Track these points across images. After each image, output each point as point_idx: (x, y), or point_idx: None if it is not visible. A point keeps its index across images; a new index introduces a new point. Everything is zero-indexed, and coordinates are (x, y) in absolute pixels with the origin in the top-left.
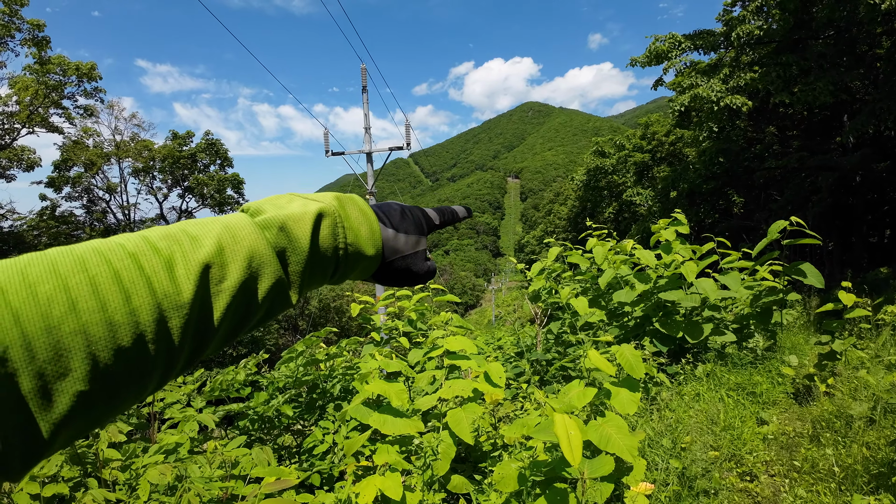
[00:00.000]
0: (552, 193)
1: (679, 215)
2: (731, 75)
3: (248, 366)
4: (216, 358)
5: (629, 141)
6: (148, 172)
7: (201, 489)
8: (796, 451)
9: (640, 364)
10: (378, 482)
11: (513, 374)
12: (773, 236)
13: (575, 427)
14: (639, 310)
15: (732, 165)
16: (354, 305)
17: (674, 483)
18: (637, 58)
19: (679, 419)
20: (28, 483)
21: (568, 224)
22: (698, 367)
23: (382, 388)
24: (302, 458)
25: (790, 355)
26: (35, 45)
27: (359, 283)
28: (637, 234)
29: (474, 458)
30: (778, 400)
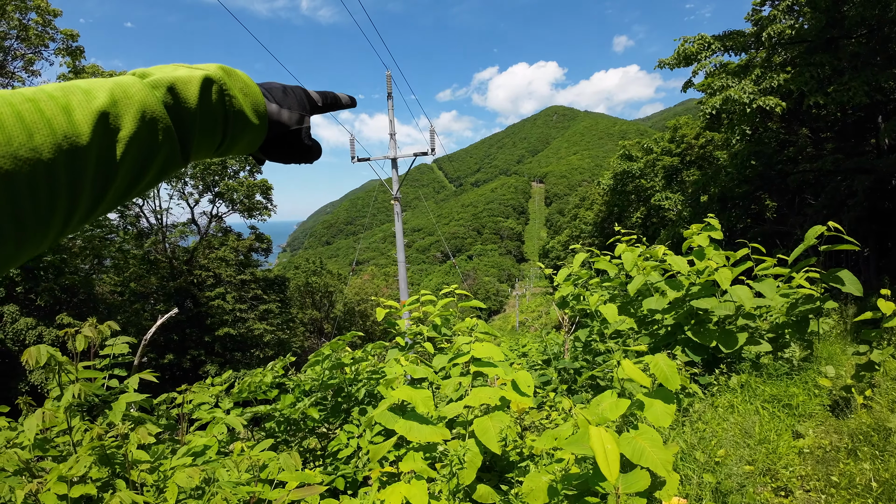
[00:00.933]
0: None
1: (712, 220)
2: (763, 76)
3: (275, 368)
4: (244, 360)
5: (657, 144)
6: (180, 178)
7: (229, 493)
8: (833, 465)
9: (675, 375)
10: (404, 489)
11: (539, 383)
12: (810, 242)
13: (612, 441)
14: (670, 318)
15: (765, 169)
16: (380, 309)
17: (707, 498)
18: (665, 60)
19: (713, 432)
20: (56, 483)
21: (594, 229)
22: (732, 377)
23: (408, 394)
24: (326, 461)
25: (827, 366)
26: (69, 54)
27: (382, 288)
28: (667, 239)
29: (500, 468)
30: (814, 412)
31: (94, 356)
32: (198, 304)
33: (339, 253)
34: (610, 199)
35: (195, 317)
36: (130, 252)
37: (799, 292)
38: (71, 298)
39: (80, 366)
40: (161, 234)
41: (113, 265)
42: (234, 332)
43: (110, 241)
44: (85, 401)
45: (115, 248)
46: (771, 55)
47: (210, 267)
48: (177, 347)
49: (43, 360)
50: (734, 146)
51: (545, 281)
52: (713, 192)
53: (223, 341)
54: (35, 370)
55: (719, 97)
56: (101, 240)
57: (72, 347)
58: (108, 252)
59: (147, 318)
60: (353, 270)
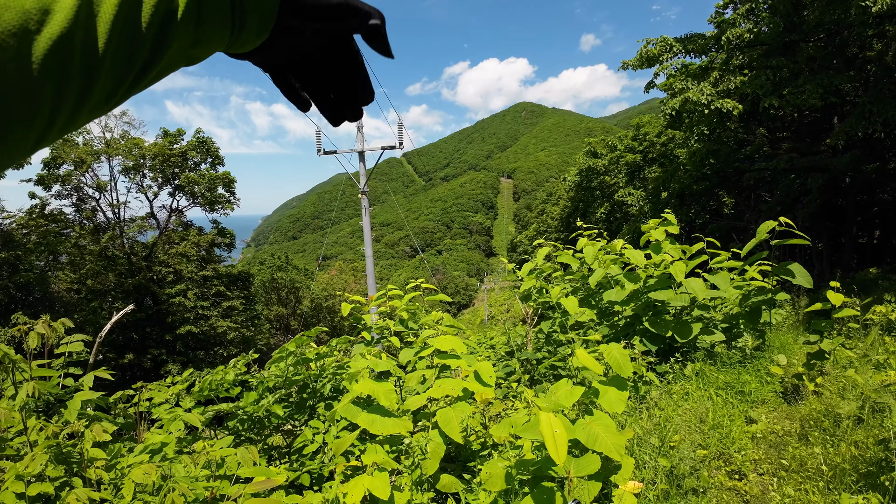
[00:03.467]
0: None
1: (669, 215)
2: (722, 78)
3: (237, 365)
4: (207, 359)
5: (621, 142)
6: (138, 171)
7: (186, 489)
8: (785, 449)
9: (627, 363)
10: (366, 482)
11: (503, 374)
12: (762, 237)
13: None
14: (629, 309)
15: (723, 167)
16: (345, 305)
17: (662, 481)
18: (629, 61)
19: (668, 418)
20: (13, 482)
21: (560, 224)
22: (687, 366)
23: (371, 387)
24: (292, 458)
25: (779, 354)
26: None
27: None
28: (628, 234)
29: (464, 458)
30: (767, 399)
31: (48, 355)
32: (158, 302)
33: (306, 248)
34: (575, 195)
35: (155, 315)
36: (87, 248)
37: (752, 284)
38: (26, 297)
39: (35, 364)
40: (119, 229)
41: (69, 262)
42: (197, 331)
43: (66, 236)
44: (40, 400)
45: (70, 243)
46: (730, 58)
47: (170, 263)
48: (137, 347)
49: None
50: (693, 145)
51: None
52: (673, 188)
53: (185, 340)
54: None
55: (679, 99)
56: (57, 235)
57: (26, 346)
58: (64, 248)
59: (105, 316)
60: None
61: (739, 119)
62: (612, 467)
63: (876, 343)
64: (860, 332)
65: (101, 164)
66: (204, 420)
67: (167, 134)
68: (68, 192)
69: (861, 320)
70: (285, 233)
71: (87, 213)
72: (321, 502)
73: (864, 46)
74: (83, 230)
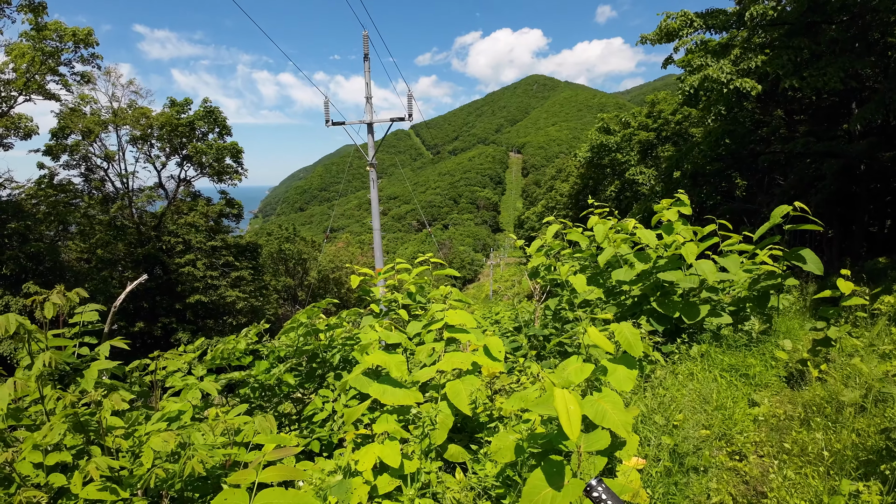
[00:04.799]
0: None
1: (682, 196)
2: (742, 57)
3: (248, 335)
4: (216, 327)
5: (635, 118)
6: (146, 140)
7: (205, 456)
8: (786, 433)
9: (638, 342)
10: (377, 450)
11: (510, 349)
12: (776, 221)
13: (574, 402)
14: (637, 289)
15: (738, 148)
16: (354, 277)
17: (665, 459)
18: (647, 35)
19: (672, 397)
20: (31, 452)
21: (569, 201)
22: (693, 347)
23: (382, 359)
24: (302, 425)
25: (785, 339)
26: (31, 10)
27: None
28: (639, 213)
29: (471, 429)
30: (770, 383)
31: (63, 324)
32: (168, 271)
33: (313, 220)
34: (586, 172)
35: (165, 284)
36: (96, 218)
37: (762, 268)
38: (37, 266)
39: (50, 334)
40: (127, 199)
41: (79, 231)
42: (206, 300)
43: (75, 206)
44: (56, 369)
45: (80, 213)
46: (751, 36)
47: (179, 233)
48: (147, 315)
49: (12, 329)
50: (709, 124)
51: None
52: (686, 168)
53: (195, 309)
54: (3, 340)
55: (698, 76)
56: (66, 205)
57: (40, 316)
58: (74, 218)
59: (115, 285)
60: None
61: (757, 99)
62: (618, 443)
63: (882, 333)
64: (867, 322)
65: (108, 133)
66: (218, 388)
67: (174, 103)
68: (77, 163)
69: (869, 309)
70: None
71: (95, 184)
72: (333, 468)
73: (885, 32)
74: (92, 200)
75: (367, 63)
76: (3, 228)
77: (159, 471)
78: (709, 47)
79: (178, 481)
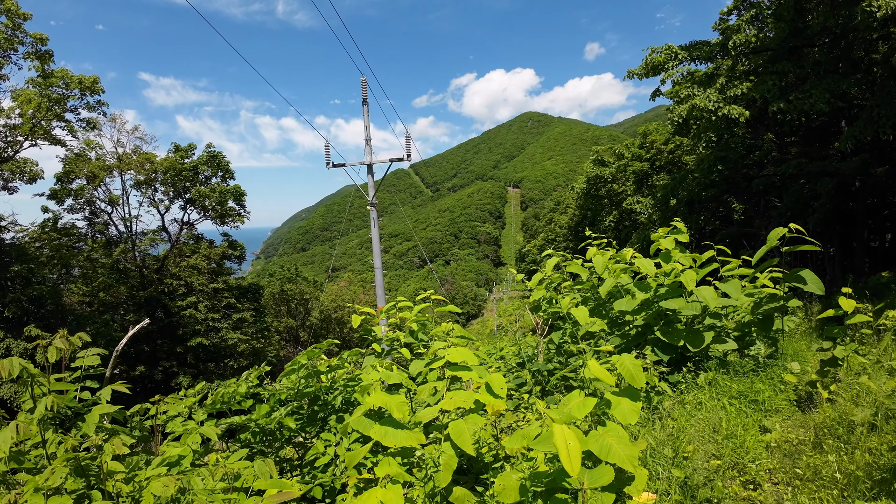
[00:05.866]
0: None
1: (678, 223)
2: (728, 84)
3: (249, 378)
4: (217, 371)
5: (628, 150)
6: (150, 185)
7: (204, 501)
8: (799, 458)
9: (640, 373)
10: (380, 494)
11: (514, 385)
12: (773, 243)
13: (573, 437)
14: (640, 318)
15: (731, 173)
16: (355, 316)
17: (676, 492)
18: (634, 70)
19: (681, 428)
20: (32, 495)
21: (569, 233)
22: (700, 375)
23: (383, 399)
24: (304, 470)
25: (792, 362)
26: (38, 58)
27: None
28: (637, 242)
29: (476, 470)
30: (780, 407)
31: (65, 368)
32: (169, 314)
33: (315, 259)
34: (583, 204)
35: (167, 327)
36: (99, 261)
37: (763, 292)
38: (39, 310)
39: (53, 378)
40: (130, 242)
41: (81, 275)
42: (207, 342)
43: (78, 249)
44: (58, 413)
45: (83, 257)
46: (736, 64)
47: (181, 275)
48: (148, 359)
49: (15, 372)
50: (701, 152)
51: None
52: (681, 196)
53: (196, 352)
54: (4, 383)
55: (686, 106)
56: (69, 249)
57: (41, 360)
58: (77, 261)
59: (117, 328)
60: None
61: (747, 125)
62: (626, 478)
63: (889, 349)
64: (873, 338)
65: (113, 178)
66: (219, 432)
67: (178, 148)
68: (81, 206)
69: (874, 326)
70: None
71: (99, 227)
72: None
73: (869, 49)
74: (95, 243)
75: (365, 107)
76: (7, 271)
77: None
78: (695, 77)
79: None
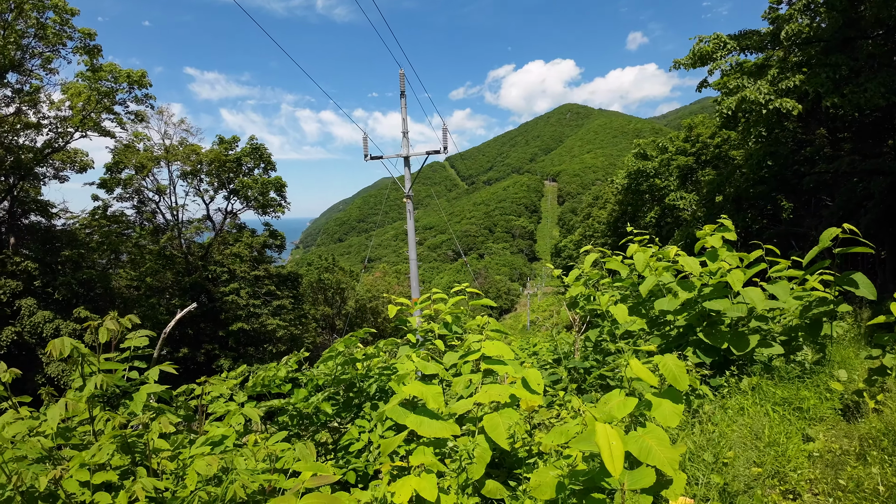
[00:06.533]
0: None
1: (726, 221)
2: (780, 76)
3: (289, 363)
4: (257, 355)
5: (672, 143)
6: (195, 175)
7: (247, 480)
8: (842, 469)
9: (684, 375)
10: (414, 482)
11: (549, 382)
12: (825, 244)
13: (617, 437)
14: (681, 319)
15: (781, 169)
16: (391, 307)
17: (714, 499)
18: (680, 60)
19: (722, 433)
20: (78, 470)
21: (607, 229)
22: (743, 379)
23: (420, 389)
24: (338, 454)
25: (839, 370)
26: (87, 52)
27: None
28: (680, 240)
29: (508, 465)
30: (825, 416)
31: (113, 349)
32: (212, 300)
33: (352, 250)
34: (623, 199)
35: (210, 311)
36: (147, 247)
37: (812, 295)
38: (88, 292)
39: (102, 358)
40: (177, 230)
41: (129, 260)
42: (248, 327)
43: (127, 236)
44: (106, 391)
45: (131, 243)
46: (787, 55)
47: (224, 263)
48: (191, 341)
49: (67, 351)
50: (750, 146)
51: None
52: (728, 192)
53: (237, 336)
54: (52, 362)
55: (735, 98)
56: (118, 235)
57: (89, 340)
58: (125, 247)
59: (162, 312)
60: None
61: (798, 119)
62: (664, 481)
63: None
64: None
65: (160, 168)
66: (261, 414)
67: (223, 141)
68: (130, 195)
69: None
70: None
71: (147, 215)
72: (370, 499)
73: None
74: (143, 231)
75: (403, 100)
76: (58, 256)
77: (202, 493)
78: (744, 68)
79: None
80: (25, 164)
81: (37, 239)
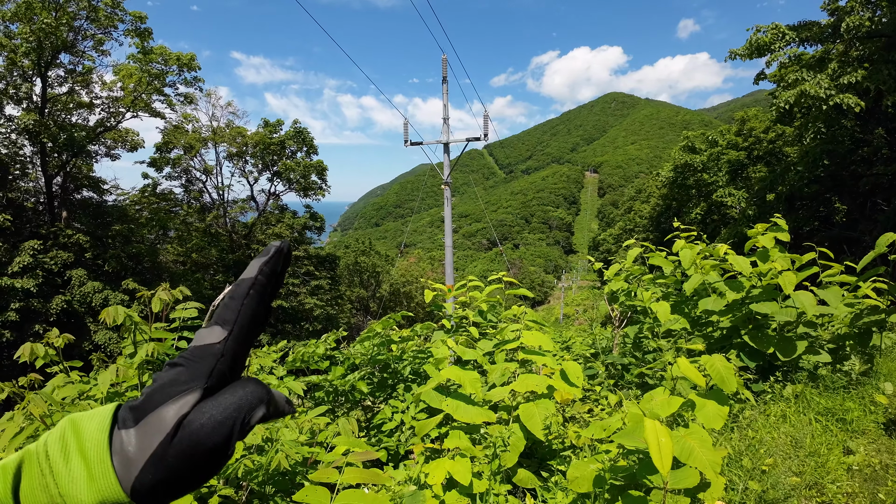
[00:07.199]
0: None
1: (779, 220)
2: (840, 71)
3: (328, 341)
4: (294, 332)
5: (723, 137)
6: (241, 157)
7: (291, 451)
8: (881, 484)
9: (732, 377)
10: (448, 465)
11: (585, 376)
12: (881, 250)
13: (666, 435)
14: (726, 320)
15: (837, 169)
16: (428, 291)
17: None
18: (736, 50)
19: (761, 440)
20: None
21: (650, 223)
22: (787, 386)
23: (457, 374)
24: (371, 433)
25: (886, 382)
26: (137, 35)
27: (428, 271)
28: (728, 238)
29: (541, 455)
30: (867, 429)
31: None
32: None
33: (388, 235)
34: (668, 193)
35: None
36: (193, 225)
37: (864, 303)
38: (136, 266)
39: (154, 326)
40: (222, 209)
41: (177, 236)
42: (287, 305)
43: (175, 213)
44: (156, 359)
45: (179, 220)
46: (848, 49)
47: (266, 242)
48: None
49: (120, 319)
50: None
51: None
52: (781, 190)
53: (275, 313)
54: (100, 330)
55: (793, 91)
56: (167, 212)
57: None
58: (173, 224)
59: (207, 287)
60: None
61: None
62: (703, 484)
63: None
64: None
65: (208, 149)
66: (304, 387)
67: (267, 124)
68: (178, 174)
69: None
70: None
71: (194, 194)
72: (405, 478)
73: None
74: (190, 209)
75: (445, 85)
76: (108, 230)
77: (247, 461)
78: (803, 61)
79: (262, 474)
80: (78, 142)
81: (88, 213)
